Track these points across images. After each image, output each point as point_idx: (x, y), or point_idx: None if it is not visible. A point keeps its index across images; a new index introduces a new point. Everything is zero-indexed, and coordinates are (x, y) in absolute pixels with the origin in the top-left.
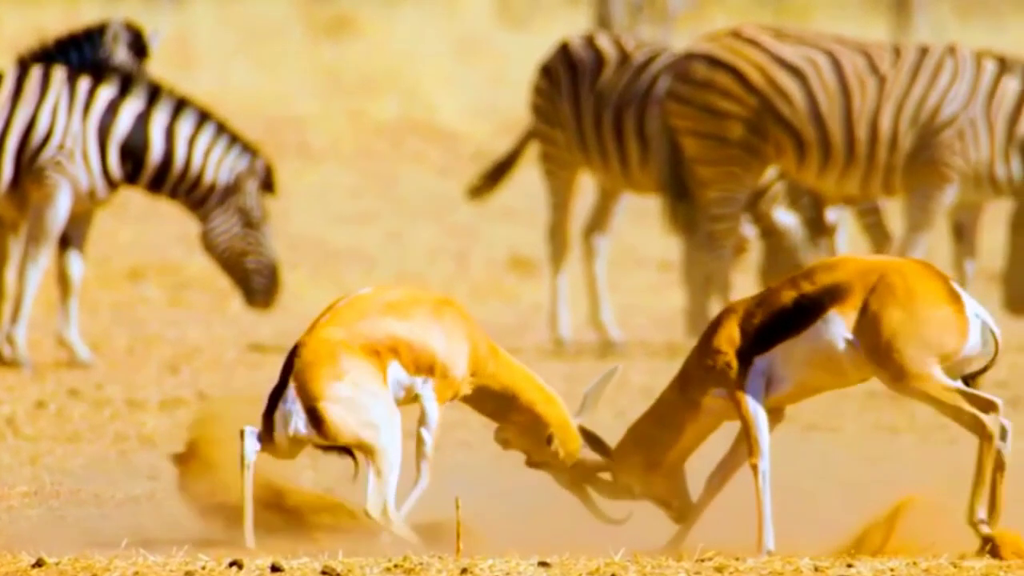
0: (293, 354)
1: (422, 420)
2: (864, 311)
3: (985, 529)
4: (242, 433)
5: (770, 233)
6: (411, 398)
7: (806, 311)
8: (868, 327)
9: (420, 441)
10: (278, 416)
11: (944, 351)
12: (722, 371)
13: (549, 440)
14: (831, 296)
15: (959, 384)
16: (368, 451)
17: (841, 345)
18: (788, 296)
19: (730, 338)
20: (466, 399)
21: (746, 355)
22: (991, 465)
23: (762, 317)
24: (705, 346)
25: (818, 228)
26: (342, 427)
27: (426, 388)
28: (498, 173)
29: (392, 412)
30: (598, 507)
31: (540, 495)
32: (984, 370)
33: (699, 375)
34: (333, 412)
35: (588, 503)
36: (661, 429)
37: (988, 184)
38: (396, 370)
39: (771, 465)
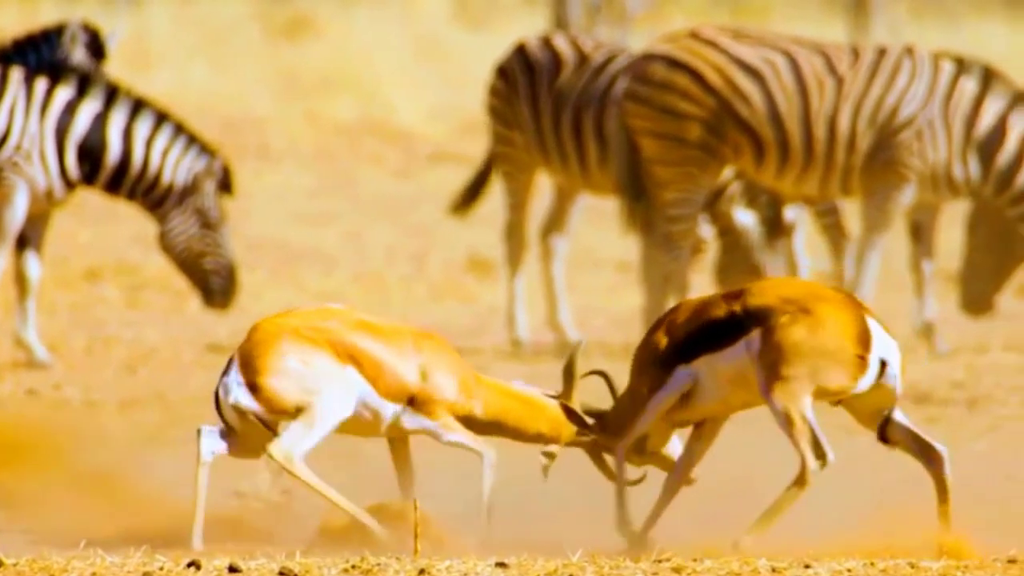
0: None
1: (434, 436)
2: (772, 330)
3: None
4: (199, 432)
5: (727, 232)
6: (391, 427)
7: (730, 330)
8: (769, 344)
9: (451, 444)
10: (221, 388)
11: (827, 386)
12: (648, 369)
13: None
14: (754, 320)
15: (815, 422)
16: (304, 409)
17: (755, 367)
18: (718, 312)
19: (660, 340)
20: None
21: (671, 360)
22: (786, 507)
23: (692, 327)
24: (643, 343)
25: (776, 228)
26: (281, 397)
27: (408, 414)
28: (476, 187)
29: (340, 388)
30: (611, 469)
31: (498, 496)
32: (886, 419)
33: (636, 372)
34: (273, 383)
35: (602, 467)
36: (622, 420)
37: (946, 185)
38: (354, 377)
39: (732, 465)
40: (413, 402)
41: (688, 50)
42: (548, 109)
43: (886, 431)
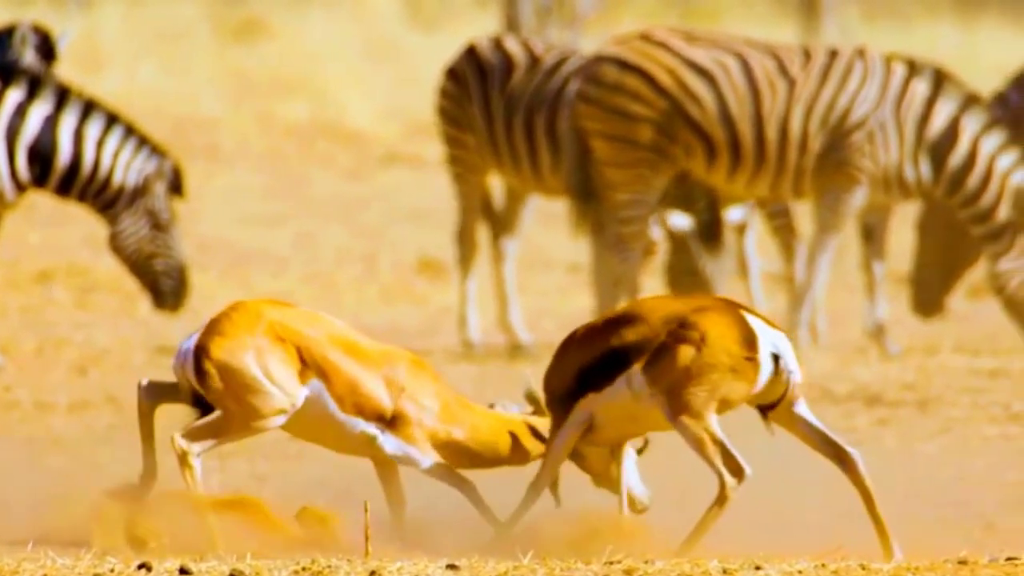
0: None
1: (413, 464)
2: (659, 352)
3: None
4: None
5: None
6: (365, 446)
7: (609, 368)
8: (660, 369)
9: (430, 474)
10: (182, 341)
11: (728, 397)
12: (551, 403)
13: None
14: (633, 352)
15: (725, 438)
16: (221, 408)
17: (643, 398)
18: (599, 347)
19: (557, 373)
20: (447, 458)
21: (567, 398)
22: (710, 525)
23: (579, 364)
24: (547, 371)
25: (714, 231)
26: (214, 387)
27: (387, 437)
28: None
29: (276, 408)
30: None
31: (449, 498)
32: (773, 405)
33: (547, 400)
34: (216, 369)
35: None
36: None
37: (897, 186)
38: (319, 391)
39: (682, 467)
40: (392, 424)
41: (640, 52)
42: (500, 111)
43: (767, 415)
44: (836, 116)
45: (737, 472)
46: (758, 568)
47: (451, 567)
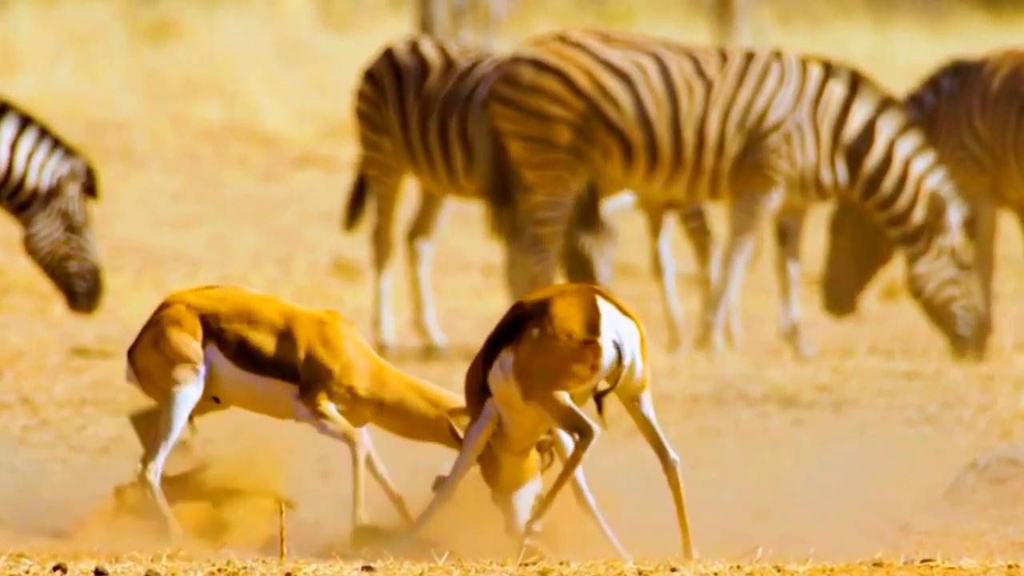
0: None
1: (313, 422)
2: (520, 334)
3: (528, 542)
4: None
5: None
6: (271, 402)
7: (493, 355)
8: (518, 349)
9: (326, 433)
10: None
11: (569, 376)
12: (470, 401)
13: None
14: (505, 338)
15: (571, 403)
16: (152, 396)
17: (511, 379)
18: (489, 338)
19: (471, 368)
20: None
21: (482, 392)
22: (564, 482)
23: (479, 358)
24: (468, 370)
25: (593, 217)
26: (141, 381)
27: (299, 407)
28: (356, 203)
29: (186, 373)
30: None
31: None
32: (605, 392)
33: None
34: (145, 364)
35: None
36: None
37: (814, 188)
38: (215, 353)
39: (591, 471)
40: (302, 387)
41: (556, 53)
42: (415, 114)
43: (599, 402)
44: (753, 118)
45: (587, 432)
46: (673, 570)
47: (366, 568)
